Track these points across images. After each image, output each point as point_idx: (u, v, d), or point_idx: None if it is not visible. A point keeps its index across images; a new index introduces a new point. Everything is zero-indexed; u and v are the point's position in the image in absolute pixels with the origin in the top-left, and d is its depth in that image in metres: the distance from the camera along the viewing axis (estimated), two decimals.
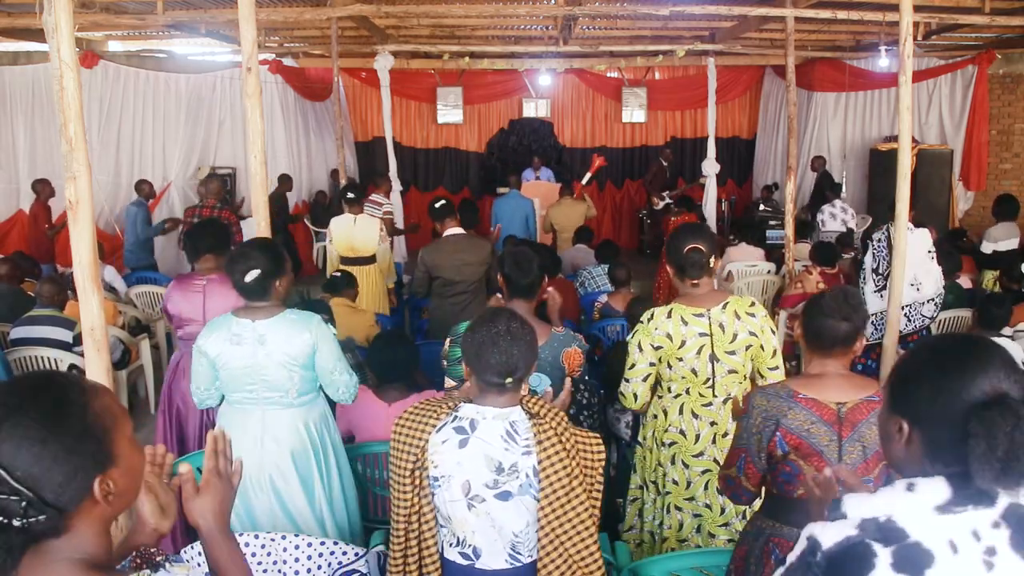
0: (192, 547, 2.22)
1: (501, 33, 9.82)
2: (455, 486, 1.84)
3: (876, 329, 4.65)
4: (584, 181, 9.23)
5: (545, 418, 1.89)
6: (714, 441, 2.78)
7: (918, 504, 1.15)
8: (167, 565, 1.22)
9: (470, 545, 1.88)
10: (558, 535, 1.85)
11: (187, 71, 9.48)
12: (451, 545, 1.91)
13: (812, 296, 2.21)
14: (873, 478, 2.02)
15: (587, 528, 1.87)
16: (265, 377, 2.70)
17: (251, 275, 2.68)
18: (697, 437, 2.77)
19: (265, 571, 2.30)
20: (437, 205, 4.82)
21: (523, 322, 1.95)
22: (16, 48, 8.89)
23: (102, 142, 8.76)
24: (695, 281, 2.73)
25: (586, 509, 1.87)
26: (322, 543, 2.35)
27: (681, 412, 2.78)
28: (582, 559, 1.88)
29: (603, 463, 1.95)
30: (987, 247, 6.89)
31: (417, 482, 1.88)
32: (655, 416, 2.85)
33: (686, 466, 2.80)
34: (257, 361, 2.68)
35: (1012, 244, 6.79)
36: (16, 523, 1.06)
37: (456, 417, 1.88)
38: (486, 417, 1.86)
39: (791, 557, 1.22)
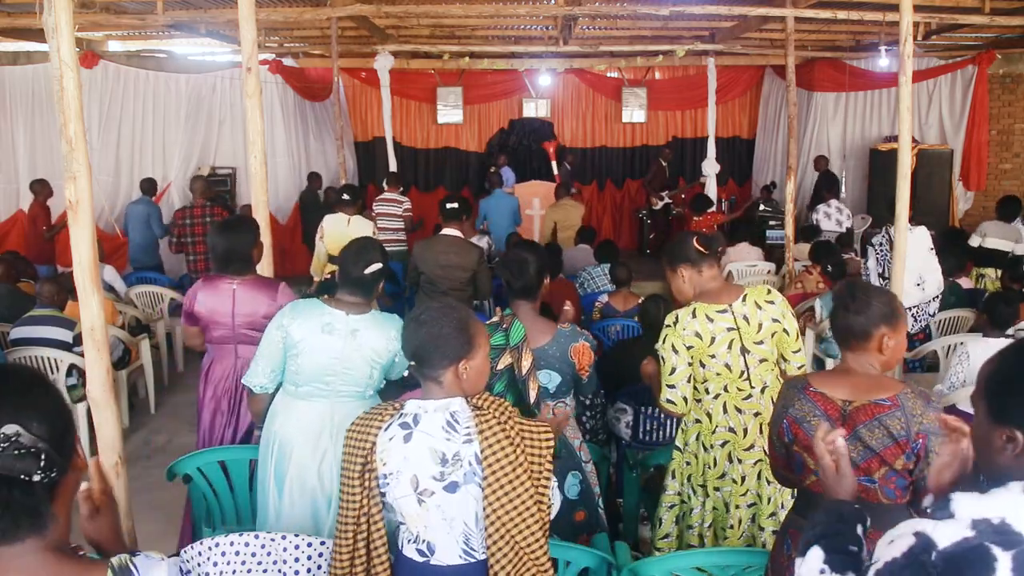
0: (192, 547, 2.22)
1: (501, 33, 9.83)
2: (404, 481, 1.86)
3: None
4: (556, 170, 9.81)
5: (489, 410, 1.90)
6: (761, 431, 2.80)
7: None
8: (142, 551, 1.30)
9: (424, 541, 1.90)
10: (504, 523, 1.85)
11: (187, 71, 9.49)
12: (409, 542, 1.93)
13: (834, 292, 2.26)
14: (877, 479, 2.02)
15: (532, 516, 1.88)
16: (349, 370, 2.73)
17: (373, 267, 2.78)
18: (746, 431, 2.79)
19: (265, 571, 2.30)
20: (448, 206, 4.82)
21: (445, 313, 1.93)
22: (16, 48, 8.89)
23: (102, 142, 8.78)
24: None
25: (531, 497, 1.87)
26: (322, 543, 2.35)
27: (726, 411, 2.79)
28: (529, 548, 1.89)
29: (551, 451, 1.94)
30: (974, 240, 6.90)
31: (366, 484, 1.90)
32: (698, 420, 2.84)
33: (740, 461, 2.81)
34: (346, 354, 2.71)
35: (1003, 244, 6.78)
36: (37, 477, 1.14)
37: (401, 414, 1.91)
38: (427, 410, 1.89)
39: (893, 552, 1.17)
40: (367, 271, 2.77)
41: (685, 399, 2.77)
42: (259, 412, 2.91)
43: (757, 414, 2.79)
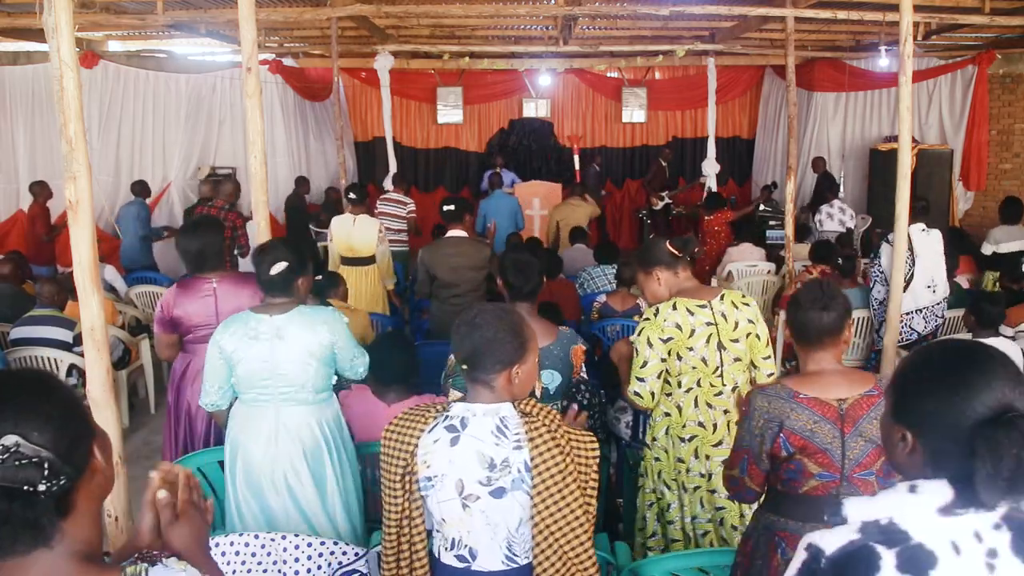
0: None
1: (501, 33, 9.82)
2: (448, 485, 1.83)
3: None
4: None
5: (538, 417, 1.88)
6: (729, 430, 2.82)
7: (920, 506, 1.15)
8: (164, 560, 1.23)
9: (466, 546, 1.87)
10: (552, 531, 1.84)
11: (187, 71, 9.48)
12: (446, 549, 1.89)
13: (793, 294, 2.24)
14: (875, 471, 2.04)
15: (581, 525, 1.86)
16: (282, 372, 2.74)
17: (277, 268, 2.75)
18: (715, 426, 2.81)
19: (265, 571, 2.30)
20: (445, 208, 4.81)
21: (500, 316, 1.91)
22: (16, 48, 8.89)
23: (102, 142, 8.76)
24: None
25: (580, 506, 1.85)
26: (322, 543, 2.35)
27: (696, 405, 2.81)
28: (576, 556, 1.87)
29: (597, 461, 1.93)
30: (987, 248, 6.87)
31: (407, 487, 1.87)
32: (667, 414, 2.86)
33: (707, 458, 2.82)
34: (275, 356, 2.72)
35: (1015, 246, 6.78)
36: (42, 487, 1.10)
37: (447, 416, 1.88)
38: (476, 414, 1.85)
39: (791, 570, 1.21)
40: (273, 272, 2.76)
41: (652, 394, 2.78)
42: (223, 422, 2.98)
43: (726, 411, 2.82)
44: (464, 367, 1.90)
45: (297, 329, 2.74)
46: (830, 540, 1.18)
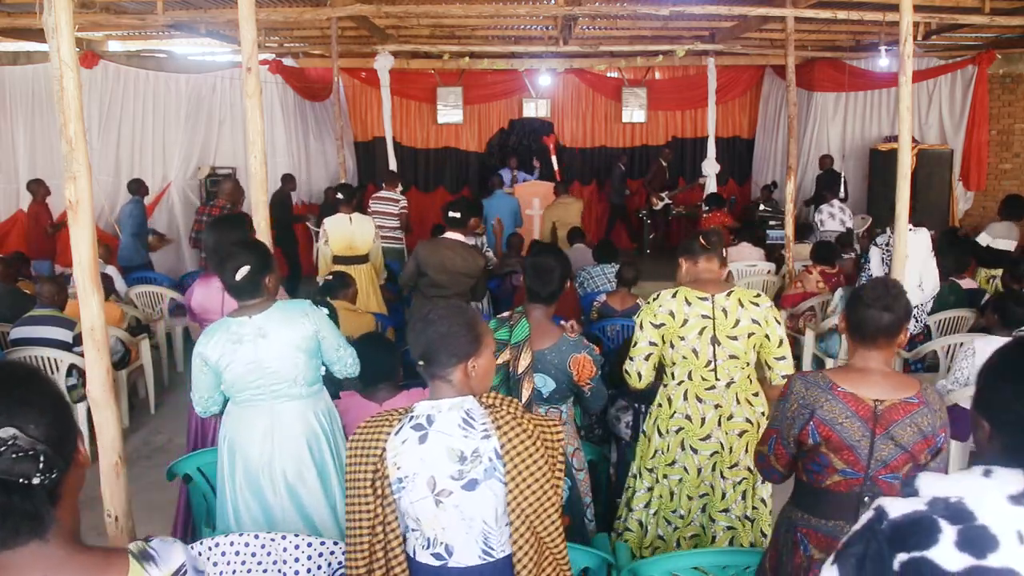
0: (192, 547, 2.22)
1: (501, 33, 9.83)
2: (420, 484, 1.84)
3: None
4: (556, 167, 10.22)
5: (501, 406, 1.90)
6: (719, 424, 2.84)
7: (992, 490, 1.15)
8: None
9: (442, 543, 1.88)
10: (528, 515, 1.85)
11: (187, 71, 9.49)
12: (423, 548, 1.90)
13: (855, 288, 2.24)
14: (902, 474, 2.04)
15: (553, 506, 1.88)
16: (271, 369, 2.75)
17: (242, 272, 2.75)
18: (703, 420, 2.83)
19: (265, 571, 2.30)
20: (451, 215, 4.78)
21: (453, 312, 1.94)
22: (16, 48, 8.90)
23: (102, 142, 8.77)
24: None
25: (552, 487, 1.88)
26: (322, 543, 2.35)
27: (685, 398, 2.85)
28: (551, 539, 1.90)
29: (563, 443, 1.97)
30: (983, 239, 6.87)
31: (379, 491, 1.88)
32: (659, 405, 2.94)
33: (695, 451, 2.85)
34: (260, 355, 2.73)
35: (1008, 244, 6.78)
36: (36, 480, 1.10)
37: (412, 417, 1.89)
38: (441, 410, 1.88)
39: (856, 525, 1.24)
40: (238, 278, 2.76)
41: (640, 375, 2.88)
42: None
43: (717, 406, 2.84)
44: (421, 363, 1.92)
45: (277, 325, 2.75)
46: (897, 506, 1.20)
